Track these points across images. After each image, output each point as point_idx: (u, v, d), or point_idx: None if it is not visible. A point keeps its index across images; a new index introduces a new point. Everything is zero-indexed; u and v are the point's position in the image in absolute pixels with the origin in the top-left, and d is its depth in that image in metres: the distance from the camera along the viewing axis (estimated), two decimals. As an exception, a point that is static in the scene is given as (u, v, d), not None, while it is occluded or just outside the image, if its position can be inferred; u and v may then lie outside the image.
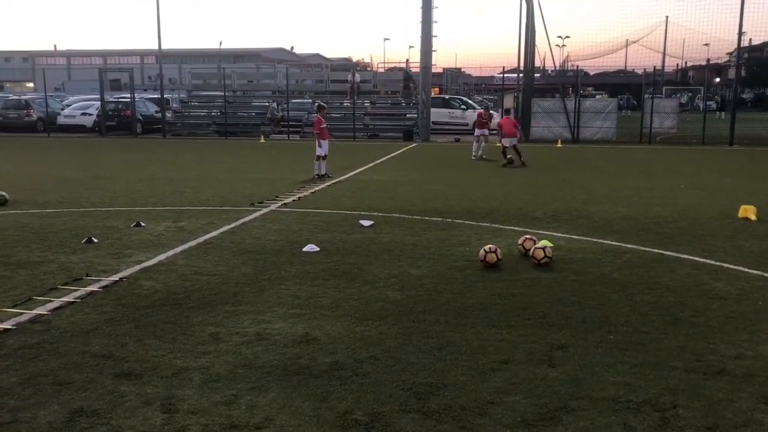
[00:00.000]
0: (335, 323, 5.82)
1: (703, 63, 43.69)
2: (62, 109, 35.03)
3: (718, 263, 7.93)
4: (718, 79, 74.65)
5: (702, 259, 8.10)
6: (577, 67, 36.30)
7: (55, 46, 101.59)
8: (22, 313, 5.99)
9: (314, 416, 4.16)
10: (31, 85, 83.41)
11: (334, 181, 15.43)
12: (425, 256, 8.24)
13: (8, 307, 6.15)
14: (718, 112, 36.78)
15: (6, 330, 5.59)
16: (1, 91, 56.31)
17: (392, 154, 22.62)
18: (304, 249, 8.48)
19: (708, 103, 41.66)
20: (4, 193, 11.99)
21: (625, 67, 56.83)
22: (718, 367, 4.91)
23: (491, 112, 24.25)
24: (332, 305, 6.31)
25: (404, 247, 8.68)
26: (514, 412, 4.20)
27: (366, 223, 10.20)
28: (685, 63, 67.06)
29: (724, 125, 28.52)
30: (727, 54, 56.13)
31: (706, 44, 48.08)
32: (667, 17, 50.51)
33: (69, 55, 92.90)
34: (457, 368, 4.88)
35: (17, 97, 37.48)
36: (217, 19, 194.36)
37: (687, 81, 77.82)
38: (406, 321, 5.87)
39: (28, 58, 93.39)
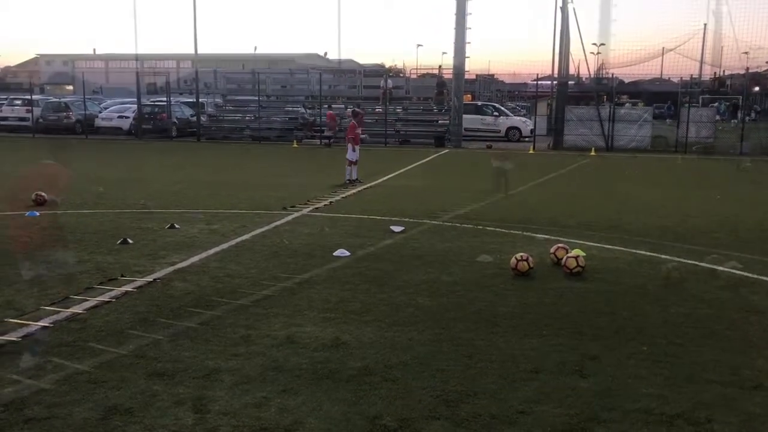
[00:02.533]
0: (365, 328, 5.83)
1: (742, 72, 42.90)
2: (100, 112, 35.67)
3: (755, 276, 7.77)
4: (757, 88, 73.13)
5: (739, 272, 7.94)
6: (612, 75, 35.71)
7: (94, 50, 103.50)
8: (59, 312, 6.12)
9: (343, 420, 4.17)
10: (70, 87, 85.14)
11: (365, 186, 15.48)
12: (456, 262, 8.21)
13: (46, 305, 6.29)
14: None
15: (44, 327, 5.72)
16: (42, 94, 57.49)
17: (424, 160, 22.60)
18: (335, 253, 8.52)
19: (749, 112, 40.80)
20: (43, 194, 12.25)
21: (661, 74, 55.94)
22: (755, 382, 4.81)
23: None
24: (362, 310, 6.32)
25: (435, 254, 8.67)
26: (545, 422, 4.17)
27: (397, 228, 10.20)
28: (723, 72, 65.82)
29: (765, 135, 27.94)
30: (766, 63, 54.99)
31: (746, 53, 47.20)
32: (705, 25, 49.65)
33: (107, 58, 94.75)
34: (487, 376, 4.85)
35: (57, 100, 38.29)
36: (252, 25, 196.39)
37: (725, 90, 76.36)
38: (436, 328, 5.86)
39: (68, 61, 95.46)
